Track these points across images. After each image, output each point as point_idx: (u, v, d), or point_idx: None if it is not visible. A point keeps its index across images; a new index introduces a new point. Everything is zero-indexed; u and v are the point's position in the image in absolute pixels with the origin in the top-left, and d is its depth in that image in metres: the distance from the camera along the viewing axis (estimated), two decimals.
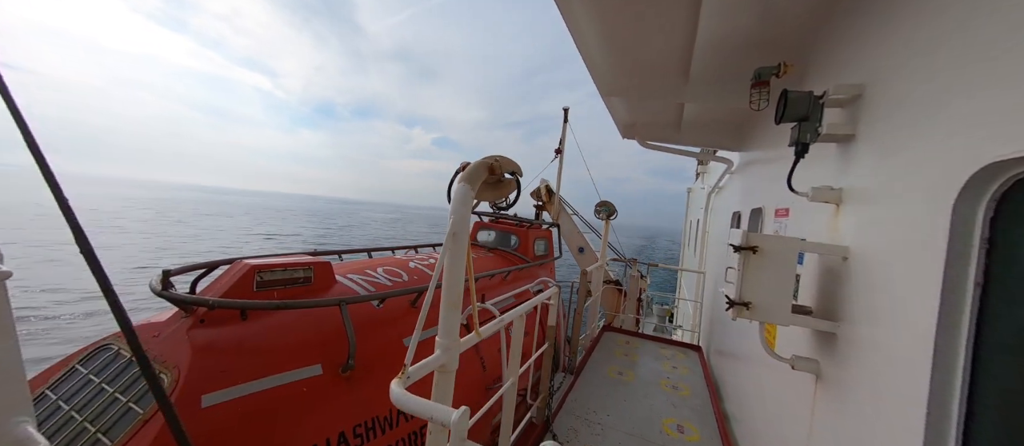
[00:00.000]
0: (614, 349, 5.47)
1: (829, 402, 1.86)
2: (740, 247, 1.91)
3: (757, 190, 3.82)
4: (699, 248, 7.84)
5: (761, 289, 1.91)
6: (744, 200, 4.35)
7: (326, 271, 2.84)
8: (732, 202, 5.23)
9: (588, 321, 5.64)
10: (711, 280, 6.18)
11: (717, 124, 4.97)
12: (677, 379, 4.67)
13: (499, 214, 6.35)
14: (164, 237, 37.60)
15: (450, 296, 1.64)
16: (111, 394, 1.87)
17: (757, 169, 3.95)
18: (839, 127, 1.95)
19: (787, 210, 2.87)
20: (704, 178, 9.74)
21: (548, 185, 7.51)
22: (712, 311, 5.91)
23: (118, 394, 1.87)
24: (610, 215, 5.53)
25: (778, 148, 3.22)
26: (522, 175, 1.96)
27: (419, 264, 3.91)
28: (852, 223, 1.86)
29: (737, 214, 4.90)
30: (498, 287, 4.50)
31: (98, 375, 1.99)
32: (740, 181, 4.86)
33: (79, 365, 2.07)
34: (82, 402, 1.89)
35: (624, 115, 4.96)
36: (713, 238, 6.83)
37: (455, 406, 2.85)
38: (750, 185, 4.15)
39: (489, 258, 5.34)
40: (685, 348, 5.86)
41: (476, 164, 1.70)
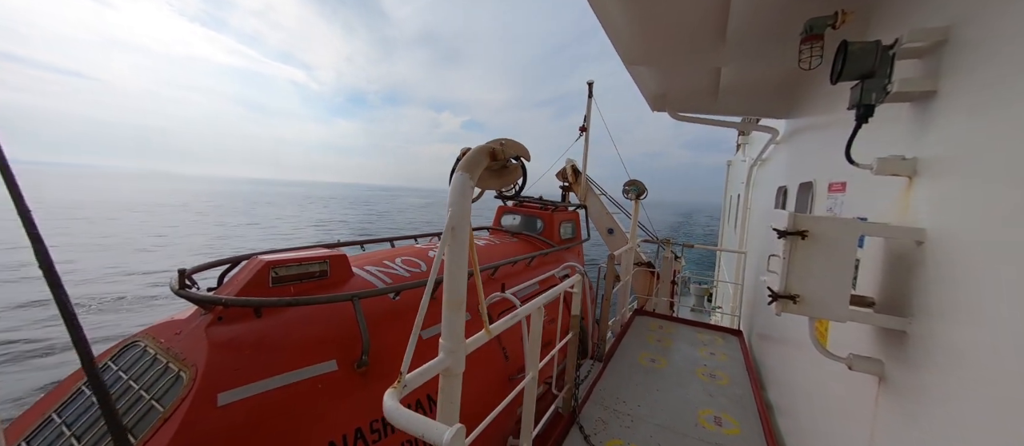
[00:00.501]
0: (646, 334, 5.24)
1: (896, 409, 1.59)
2: (786, 231, 1.64)
3: (807, 162, 3.40)
4: (740, 225, 7.31)
5: (812, 279, 1.64)
6: (791, 173, 3.91)
7: (342, 264, 2.81)
8: (777, 175, 4.76)
9: (618, 306, 5.43)
10: (753, 259, 5.74)
11: (760, 89, 4.48)
12: (715, 366, 4.40)
13: (522, 199, 6.17)
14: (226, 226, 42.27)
15: (452, 295, 1.51)
16: (137, 391, 1.93)
17: (807, 138, 3.51)
18: (915, 83, 1.60)
19: (843, 185, 2.50)
20: (745, 150, 9.02)
21: (574, 165, 7.20)
22: (754, 293, 5.50)
23: (143, 391, 1.92)
24: (639, 194, 5.21)
25: (833, 112, 2.81)
26: (529, 159, 1.78)
27: None
28: (930, 200, 1.54)
29: (782, 189, 4.44)
30: (521, 274, 4.37)
31: (127, 372, 2.06)
32: (786, 152, 4.38)
33: (111, 362, 2.15)
34: (115, 394, 1.96)
35: (652, 85, 4.57)
36: (755, 215, 6.32)
37: (472, 399, 2.76)
38: (798, 156, 3.71)
39: (513, 244, 5.21)
40: (724, 333, 5.52)
41: (476, 150, 1.54)
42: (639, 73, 4.14)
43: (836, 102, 2.74)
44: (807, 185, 3.37)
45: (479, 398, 3.05)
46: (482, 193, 1.81)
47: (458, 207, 1.44)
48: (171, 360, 1.99)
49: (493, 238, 5.12)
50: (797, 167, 3.68)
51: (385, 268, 3.17)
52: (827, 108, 2.98)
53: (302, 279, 2.56)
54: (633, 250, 5.66)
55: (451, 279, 1.50)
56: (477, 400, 3.02)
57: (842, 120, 2.61)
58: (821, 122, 3.13)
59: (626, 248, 5.18)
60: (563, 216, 5.90)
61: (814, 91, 3.39)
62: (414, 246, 4.07)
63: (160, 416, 1.77)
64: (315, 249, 2.95)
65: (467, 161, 1.49)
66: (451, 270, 1.49)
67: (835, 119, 2.77)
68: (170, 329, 2.16)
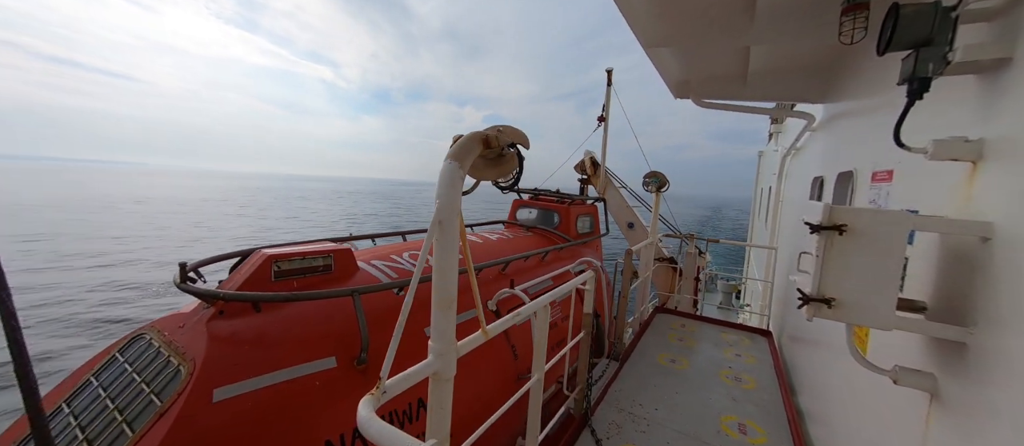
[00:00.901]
0: (667, 333, 5.01)
1: (953, 431, 1.37)
2: (820, 226, 1.44)
3: (847, 149, 3.08)
4: (771, 220, 6.89)
5: (851, 280, 1.43)
6: (828, 162, 3.59)
7: (347, 258, 2.77)
8: (812, 165, 4.40)
9: (636, 303, 5.21)
10: (784, 256, 5.38)
11: (793, 71, 4.13)
12: (741, 369, 4.14)
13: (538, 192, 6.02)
14: (269, 218, 46.26)
15: (441, 294, 1.40)
16: (139, 384, 1.94)
17: (847, 123, 3.19)
18: (983, 50, 1.35)
19: (889, 173, 2.23)
20: (778, 139, 8.49)
21: (593, 157, 6.96)
22: (785, 291, 5.16)
23: (144, 385, 1.92)
24: (660, 187, 4.95)
25: (879, 92, 2.51)
26: (528, 146, 1.64)
27: None
28: (1000, 189, 1.30)
29: (818, 180, 4.10)
30: (534, 269, 4.24)
31: (132, 364, 2.08)
32: (824, 139, 4.03)
33: (118, 354, 2.18)
34: (117, 390, 1.98)
35: (674, 70, 4.30)
36: (788, 208, 5.92)
37: (479, 398, 2.65)
38: (837, 143, 3.39)
39: (527, 238, 5.08)
40: (752, 333, 5.21)
41: (467, 137, 1.41)
42: (660, 57, 3.89)
43: (882, 81, 2.44)
44: (846, 175, 3.07)
45: (486, 397, 2.95)
46: (477, 184, 1.69)
47: (446, 199, 1.32)
48: (173, 354, 1.99)
49: (507, 232, 5.01)
50: (835, 155, 3.36)
51: (393, 263, 3.11)
52: (871, 89, 2.68)
53: (305, 273, 2.52)
54: (654, 245, 5.41)
55: (440, 276, 1.39)
56: (484, 400, 2.93)
57: (889, 101, 2.32)
58: (863, 105, 2.82)
59: (645, 243, 4.95)
60: (580, 210, 5.71)
61: (856, 70, 3.07)
62: None
63: (157, 410, 1.76)
64: (320, 243, 2.93)
65: (457, 149, 1.37)
66: (440, 267, 1.38)
67: (880, 101, 2.48)
68: (175, 322, 2.16)
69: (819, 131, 4.25)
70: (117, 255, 22.16)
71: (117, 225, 33.29)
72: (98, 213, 41.43)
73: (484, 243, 4.25)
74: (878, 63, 2.55)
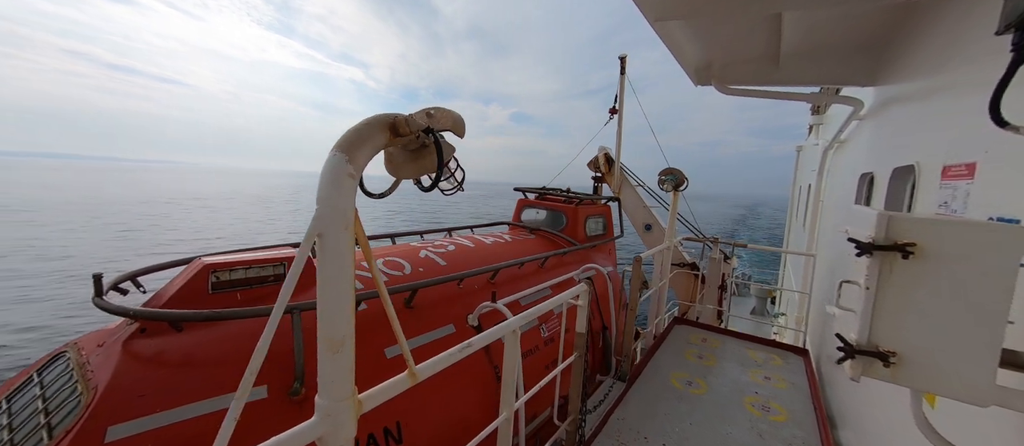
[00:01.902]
0: (685, 349, 4.47)
1: None
2: (874, 245, 0.97)
3: (906, 139, 2.49)
4: (809, 222, 6.15)
5: (921, 327, 0.96)
6: (880, 155, 2.98)
7: (309, 266, 2.47)
8: (859, 159, 3.75)
9: (651, 313, 4.70)
10: (824, 264, 4.71)
11: (837, 48, 3.51)
12: (770, 395, 3.57)
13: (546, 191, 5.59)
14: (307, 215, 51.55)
15: (327, 332, 1.04)
16: (39, 413, 1.70)
17: (907, 108, 2.59)
18: None
19: (970, 167, 1.67)
20: (819, 131, 7.64)
21: (607, 153, 6.44)
22: (823, 302, 4.50)
23: (44, 414, 1.68)
24: (678, 185, 4.41)
25: (950, 70, 1.95)
26: (462, 133, 1.25)
27: (432, 252, 3.42)
28: None
29: (867, 177, 3.46)
30: (531, 277, 3.83)
31: (44, 388, 1.85)
32: (873, 129, 3.40)
33: (36, 373, 1.96)
34: (21, 419, 1.75)
35: (692, 52, 3.76)
36: (829, 209, 5.21)
37: (455, 425, 2.25)
38: (892, 133, 2.78)
39: (529, 242, 4.67)
40: (785, 351, 4.58)
41: (365, 123, 1.04)
42: (672, 35, 3.37)
43: (954, 57, 1.88)
44: (906, 170, 2.48)
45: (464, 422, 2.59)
46: (396, 184, 1.31)
47: (327, 205, 0.96)
48: (81, 379, 1.74)
49: (506, 235, 4.63)
50: (890, 147, 2.76)
51: (362, 270, 2.80)
52: (940, 65, 2.10)
53: (252, 284, 2.24)
54: (671, 250, 4.87)
55: (325, 308, 1.03)
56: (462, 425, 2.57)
57: (969, 79, 1.76)
58: (931, 85, 2.24)
59: (660, 248, 4.44)
60: (589, 210, 5.24)
61: (920, 42, 2.47)
62: (408, 245, 3.68)
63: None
64: (278, 248, 2.65)
65: (348, 137, 1.01)
66: (325, 295, 1.02)
67: (954, 79, 1.92)
68: (94, 341, 1.93)
69: (868, 120, 3.60)
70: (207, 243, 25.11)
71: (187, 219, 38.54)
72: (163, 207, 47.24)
73: (476, 247, 3.88)
74: (951, 31, 1.99)
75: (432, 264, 3.19)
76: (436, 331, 2.64)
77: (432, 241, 3.87)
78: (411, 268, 3.02)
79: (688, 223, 6.39)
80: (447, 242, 3.83)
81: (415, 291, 2.57)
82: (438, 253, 3.41)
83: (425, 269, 3.08)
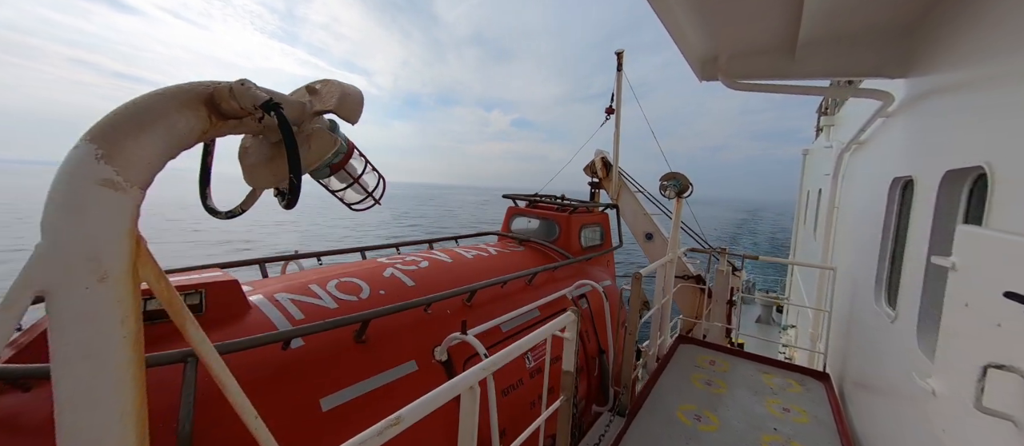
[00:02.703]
0: (691, 373, 4.01)
1: None
2: None
3: (965, 135, 2.04)
4: (822, 229, 5.69)
5: None
6: (923, 156, 2.53)
7: (229, 294, 2.02)
8: (889, 161, 3.31)
9: (653, 331, 4.24)
10: (846, 278, 4.25)
11: (865, 34, 3.08)
12: (791, 434, 3.11)
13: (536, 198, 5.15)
14: (318, 225, 50.61)
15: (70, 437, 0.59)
16: None
17: (961, 99, 2.15)
18: None
19: None
20: (830, 133, 7.19)
21: (605, 157, 6.00)
22: (847, 323, 4.04)
23: None
24: (681, 192, 3.96)
25: None
26: (354, 119, 0.82)
27: (400, 270, 2.97)
28: None
29: (902, 182, 3.01)
30: (516, 296, 3.38)
31: None
32: (910, 125, 2.96)
33: None
34: None
35: (697, 42, 3.33)
36: (848, 217, 4.76)
37: None
38: (941, 128, 2.34)
39: (516, 255, 4.22)
40: (803, 375, 4.11)
41: (151, 96, 0.61)
42: (676, 21, 2.95)
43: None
44: (962, 174, 2.03)
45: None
46: (254, 196, 0.87)
47: (57, 239, 0.52)
48: None
49: (491, 248, 4.18)
50: (937, 146, 2.32)
51: (308, 297, 2.35)
52: (1014, 44, 1.67)
53: (153, 318, 1.79)
54: (674, 262, 4.42)
55: (72, 421, 0.58)
56: None
57: None
58: (999, 71, 1.80)
59: (663, 261, 3.99)
60: (585, 219, 4.79)
61: (976, 22, 2.03)
62: (375, 261, 3.22)
63: None
64: (205, 271, 2.20)
65: (110, 121, 0.57)
66: (69, 400, 0.57)
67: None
68: None
69: (900, 116, 3.16)
70: None
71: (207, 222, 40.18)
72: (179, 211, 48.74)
73: (454, 262, 3.43)
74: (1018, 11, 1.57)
75: (397, 286, 2.74)
76: (393, 370, 2.19)
77: (406, 256, 3.41)
78: (370, 291, 2.57)
79: (692, 232, 5.93)
80: (422, 257, 3.38)
81: (366, 322, 2.12)
82: (407, 271, 2.95)
83: (388, 292, 2.63)
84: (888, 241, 3.07)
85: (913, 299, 2.31)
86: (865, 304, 3.35)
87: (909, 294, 2.40)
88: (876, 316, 3.00)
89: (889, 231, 3.08)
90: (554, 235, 4.62)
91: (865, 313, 3.34)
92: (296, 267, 3.31)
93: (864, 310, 3.39)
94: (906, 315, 2.41)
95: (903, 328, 2.44)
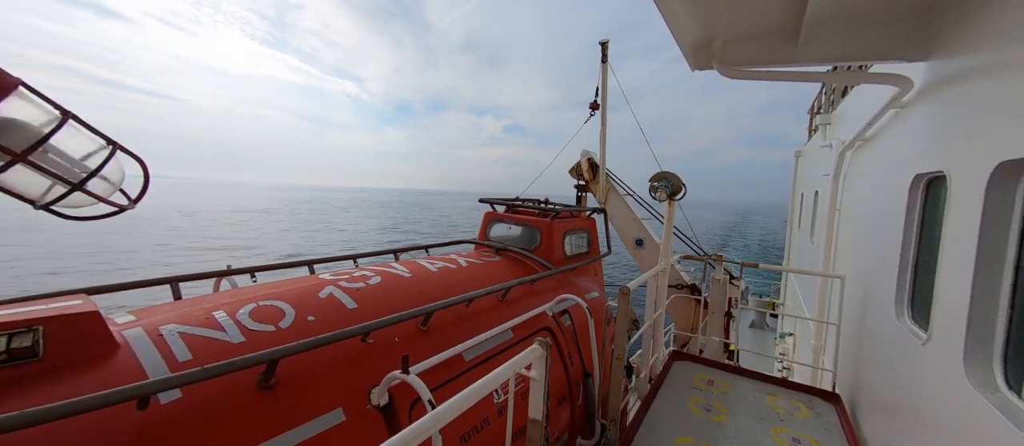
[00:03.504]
0: (688, 396, 3.57)
1: None
2: None
3: None
4: (822, 233, 5.32)
5: None
6: (960, 149, 2.14)
7: (83, 330, 1.53)
8: (907, 157, 2.93)
9: (645, 347, 3.80)
10: (855, 287, 3.86)
11: (879, 14, 2.71)
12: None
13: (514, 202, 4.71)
14: (320, 230, 52.21)
15: None
16: None
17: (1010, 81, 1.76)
18: None
19: None
20: (826, 132, 6.88)
21: (591, 158, 5.58)
22: (859, 336, 3.65)
23: None
24: (673, 194, 3.55)
25: None
26: None
27: (343, 288, 2.49)
28: None
29: (925, 179, 2.62)
30: (485, 315, 2.92)
31: None
32: (937, 112, 2.58)
33: None
34: None
35: (691, 25, 2.94)
36: (854, 220, 4.39)
37: None
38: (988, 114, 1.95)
39: (492, 266, 3.77)
40: (811, 396, 3.70)
41: None
42: (668, 2, 2.56)
43: None
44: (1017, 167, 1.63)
45: None
46: None
47: None
48: None
49: (462, 258, 3.71)
50: (983, 132, 1.92)
51: (211, 329, 1.85)
52: None
53: None
54: (667, 272, 3.99)
55: None
56: None
57: None
58: None
59: (654, 270, 3.56)
60: (569, 225, 4.36)
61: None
62: (313, 277, 2.71)
63: None
64: (58, 299, 1.70)
65: None
66: None
67: None
68: None
69: (921, 103, 2.79)
70: None
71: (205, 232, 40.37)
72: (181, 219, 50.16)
73: (413, 277, 2.95)
74: None
75: (334, 309, 2.25)
76: (312, 424, 1.70)
77: (355, 271, 2.92)
78: (295, 316, 2.07)
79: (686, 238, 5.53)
80: (376, 271, 2.89)
81: (274, 363, 1.64)
82: (351, 290, 2.47)
83: (320, 317, 2.14)
84: (910, 248, 2.68)
85: (955, 318, 1.90)
86: (883, 318, 2.95)
87: (948, 312, 2.00)
88: (899, 334, 2.59)
89: (911, 236, 2.68)
90: (535, 243, 4.18)
91: (883, 329, 2.94)
92: (228, 285, 2.82)
93: (882, 325, 2.99)
94: (945, 336, 2.00)
95: (941, 352, 2.03)
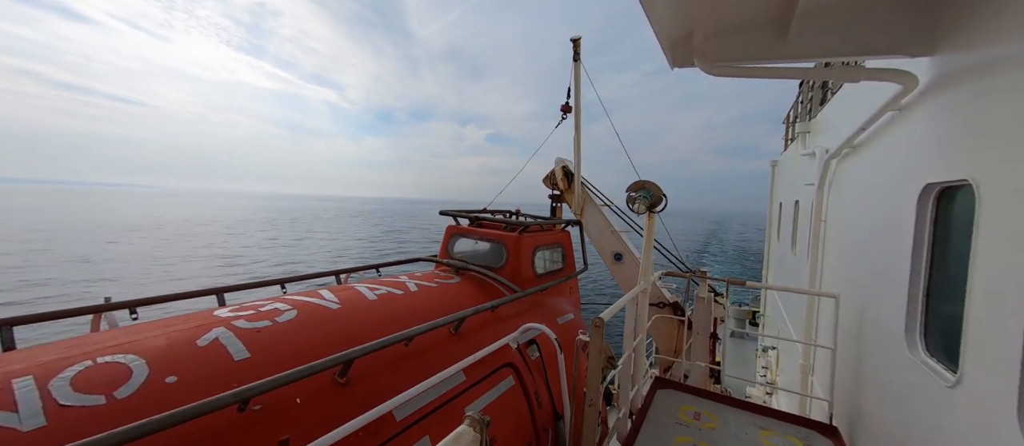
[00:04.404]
0: (674, 433, 3.14)
1: None
2: None
3: None
4: (807, 247, 5.06)
5: None
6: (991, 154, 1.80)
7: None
8: (910, 165, 2.62)
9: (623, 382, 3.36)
10: (850, 306, 3.54)
11: (877, 4, 2.41)
12: None
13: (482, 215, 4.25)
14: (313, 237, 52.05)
15: None
16: None
17: None
18: None
19: None
20: (805, 141, 6.71)
21: (566, 166, 5.19)
22: (857, 364, 3.32)
23: None
24: (653, 206, 3.16)
25: None
26: None
27: (236, 328, 1.95)
28: None
29: (935, 190, 2.29)
30: (432, 354, 2.41)
31: None
32: (941, 115, 2.26)
33: None
34: None
35: (670, 16, 2.58)
36: (844, 234, 4.10)
37: None
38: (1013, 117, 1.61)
39: (449, 290, 3.27)
40: (807, 429, 3.33)
41: None
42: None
43: None
44: None
45: None
46: None
47: None
48: None
49: (413, 281, 3.20)
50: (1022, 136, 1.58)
51: (38, 400, 1.30)
52: None
53: None
54: (648, 292, 3.59)
55: None
56: None
57: None
58: None
59: (633, 293, 3.15)
60: (539, 240, 3.91)
61: None
62: (220, 316, 2.16)
63: None
64: None
65: None
66: None
67: None
68: None
69: (927, 103, 2.48)
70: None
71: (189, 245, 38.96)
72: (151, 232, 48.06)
73: (344, 308, 2.41)
74: None
75: (212, 362, 1.70)
76: None
77: (267, 302, 2.34)
78: (147, 376, 1.51)
79: (666, 252, 5.16)
80: (295, 302, 2.34)
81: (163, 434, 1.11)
82: (248, 331, 1.92)
83: (185, 376, 1.59)
84: (921, 269, 2.34)
85: (1000, 359, 1.53)
86: (889, 348, 2.60)
87: (988, 350, 1.63)
88: (915, 370, 2.23)
89: (921, 256, 2.34)
90: (501, 261, 3.71)
91: (891, 360, 2.59)
92: (106, 325, 2.24)
93: (889, 356, 2.64)
94: (986, 382, 1.63)
95: (980, 399, 1.66)
